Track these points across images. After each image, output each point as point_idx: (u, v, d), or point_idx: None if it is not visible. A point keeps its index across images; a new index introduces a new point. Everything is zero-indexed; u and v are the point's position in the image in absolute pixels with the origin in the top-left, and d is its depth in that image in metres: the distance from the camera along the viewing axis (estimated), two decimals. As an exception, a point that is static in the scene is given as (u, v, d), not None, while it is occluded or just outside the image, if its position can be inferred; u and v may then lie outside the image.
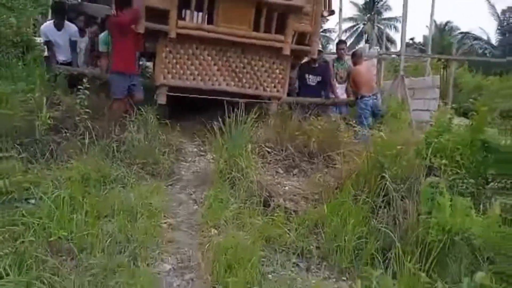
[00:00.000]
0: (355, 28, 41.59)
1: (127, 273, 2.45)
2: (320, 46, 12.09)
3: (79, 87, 4.88)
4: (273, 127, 5.67)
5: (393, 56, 11.76)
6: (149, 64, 9.20)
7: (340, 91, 7.51)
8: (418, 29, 43.24)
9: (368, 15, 41.27)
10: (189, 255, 2.88)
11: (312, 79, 7.30)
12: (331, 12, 7.71)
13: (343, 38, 40.91)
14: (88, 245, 2.65)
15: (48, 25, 6.52)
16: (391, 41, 41.15)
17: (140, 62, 6.81)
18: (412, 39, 35.68)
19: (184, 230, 3.29)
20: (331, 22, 44.96)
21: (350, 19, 42.52)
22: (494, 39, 31.04)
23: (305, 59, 7.38)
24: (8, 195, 3.09)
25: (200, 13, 6.53)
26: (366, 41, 36.89)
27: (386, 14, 42.11)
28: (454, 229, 2.92)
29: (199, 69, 6.05)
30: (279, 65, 6.45)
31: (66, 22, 6.53)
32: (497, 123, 5.73)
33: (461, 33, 32.84)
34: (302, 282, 2.72)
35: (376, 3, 40.63)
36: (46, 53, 6.66)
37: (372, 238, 3.12)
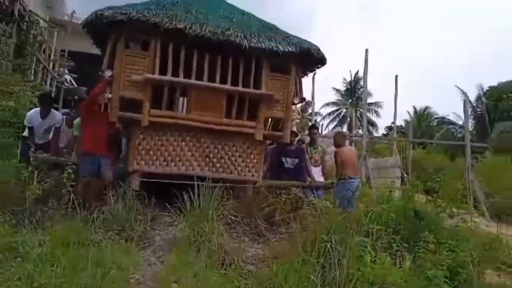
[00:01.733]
0: (337, 112, 43.85)
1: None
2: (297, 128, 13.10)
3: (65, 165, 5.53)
4: (244, 202, 6.19)
5: (356, 137, 12.81)
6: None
7: (316, 174, 7.54)
8: (400, 114, 45.82)
9: (350, 100, 43.60)
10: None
11: (290, 162, 7.25)
12: (302, 99, 8.26)
13: (327, 121, 43.11)
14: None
15: (33, 112, 6.83)
16: (372, 124, 43.33)
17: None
18: (393, 123, 37.74)
19: (148, 284, 3.79)
20: (317, 106, 47.26)
21: (333, 103, 45.05)
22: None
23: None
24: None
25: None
26: (349, 125, 38.66)
27: (368, 100, 44.73)
28: (375, 280, 3.50)
29: (172, 155, 6.20)
30: (253, 150, 6.59)
31: (52, 111, 6.92)
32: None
33: (437, 118, 35.00)
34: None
35: (357, 89, 43.26)
36: (25, 133, 6.97)
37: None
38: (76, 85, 19.44)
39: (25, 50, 13.76)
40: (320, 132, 10.45)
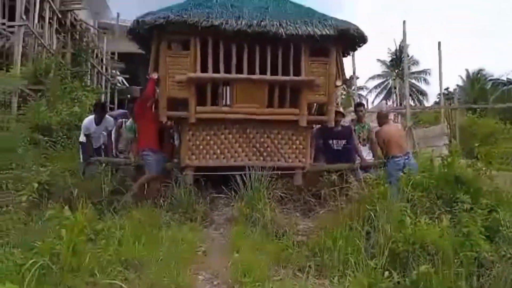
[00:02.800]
0: (384, 84, 42.88)
1: (172, 279, 3.55)
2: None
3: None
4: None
5: (399, 110, 12.79)
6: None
7: (364, 153, 7.45)
8: (453, 78, 43.85)
9: (396, 71, 42.39)
10: (216, 269, 3.97)
11: (337, 144, 7.17)
12: (344, 81, 7.95)
13: (374, 95, 42.27)
14: (145, 263, 3.82)
15: (89, 120, 7.37)
16: (422, 93, 42.02)
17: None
18: (446, 89, 36.42)
19: (214, 255, 4.40)
20: (362, 80, 46.45)
21: (379, 76, 44.07)
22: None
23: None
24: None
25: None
26: (397, 96, 37.69)
27: (413, 68, 43.33)
28: (415, 240, 3.86)
29: (221, 147, 6.45)
30: (298, 136, 6.66)
31: (106, 116, 7.46)
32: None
33: (491, 79, 33.29)
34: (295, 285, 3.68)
35: (403, 58, 41.99)
36: (81, 139, 7.51)
37: (355, 253, 4.07)
38: (127, 85, 20.64)
39: (80, 57, 14.87)
40: (366, 107, 10.30)
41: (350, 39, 6.76)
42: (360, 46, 7.22)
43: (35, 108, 9.26)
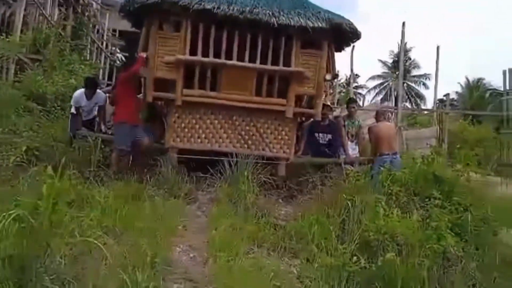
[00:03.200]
0: (383, 85, 43.02)
1: (151, 249, 3.69)
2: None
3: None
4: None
5: (391, 110, 12.95)
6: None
7: (351, 149, 7.57)
8: (452, 85, 44.09)
9: (396, 73, 42.44)
10: (194, 243, 4.11)
11: (322, 137, 7.29)
12: (335, 76, 7.92)
13: (373, 94, 42.40)
14: (126, 231, 3.95)
15: (80, 93, 7.28)
16: (420, 97, 42.22)
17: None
18: (446, 95, 36.64)
19: (193, 230, 4.54)
20: (362, 79, 46.55)
21: (379, 76, 44.20)
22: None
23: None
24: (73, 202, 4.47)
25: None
26: (395, 97, 37.88)
27: (414, 72, 43.50)
28: (387, 230, 4.01)
29: (206, 132, 6.49)
30: (284, 127, 6.68)
31: (97, 91, 7.40)
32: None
33: (489, 89, 33.54)
34: (268, 262, 3.83)
35: (405, 61, 42.06)
36: (72, 110, 7.40)
37: (328, 239, 4.23)
38: (126, 63, 20.63)
39: (81, 31, 14.86)
40: (361, 105, 10.54)
41: (343, 34, 6.75)
42: (353, 42, 7.27)
43: (31, 76, 9.30)
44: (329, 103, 8.19)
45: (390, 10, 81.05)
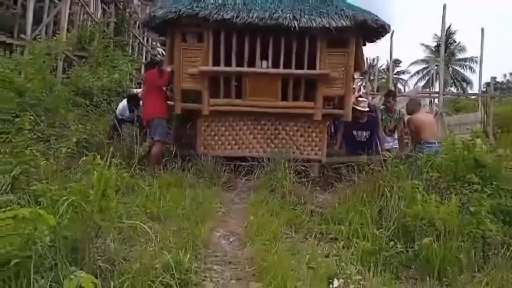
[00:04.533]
0: (427, 69, 41.64)
1: (192, 233, 3.88)
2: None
3: None
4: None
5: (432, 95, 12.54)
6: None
7: (386, 142, 7.35)
8: (500, 68, 41.79)
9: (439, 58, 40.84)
10: (233, 228, 4.28)
11: (361, 135, 7.14)
12: (363, 73, 7.88)
13: (415, 80, 41.09)
14: (169, 216, 4.17)
15: (124, 106, 7.84)
16: (466, 81, 40.52)
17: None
18: (494, 78, 35.10)
19: (232, 216, 4.71)
20: (404, 64, 45.24)
21: (422, 61, 42.80)
22: None
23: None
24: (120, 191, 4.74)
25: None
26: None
27: (460, 55, 41.77)
28: (424, 215, 4.00)
29: (236, 138, 6.60)
30: (314, 129, 6.66)
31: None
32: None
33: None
34: (306, 247, 3.93)
35: (449, 44, 40.45)
36: (117, 112, 7.91)
37: (365, 224, 4.26)
38: (165, 56, 21.12)
39: (123, 28, 15.40)
40: (402, 91, 10.16)
41: (371, 29, 6.56)
42: (382, 36, 7.03)
43: (78, 73, 9.80)
44: (364, 100, 7.53)
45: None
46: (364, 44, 7.25)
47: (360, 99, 7.03)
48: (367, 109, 7.01)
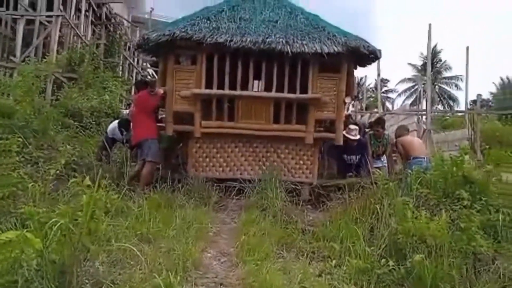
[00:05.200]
0: (414, 88, 42.29)
1: (183, 254, 3.84)
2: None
3: None
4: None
5: (419, 113, 12.73)
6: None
7: (378, 162, 7.38)
8: (485, 85, 42.64)
9: (426, 76, 41.55)
10: (224, 248, 4.23)
11: (351, 159, 7.13)
12: (354, 98, 7.90)
13: (403, 98, 41.65)
14: (159, 238, 4.12)
15: (115, 127, 7.71)
16: (453, 99, 41.19)
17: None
18: (480, 95, 35.73)
19: (224, 236, 4.67)
20: (392, 83, 45.98)
21: (409, 79, 43.49)
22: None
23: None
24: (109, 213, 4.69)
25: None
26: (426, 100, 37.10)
27: (446, 74, 42.56)
28: (415, 232, 4.00)
29: (227, 160, 6.58)
30: (306, 152, 6.68)
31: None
32: None
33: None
34: (298, 266, 3.90)
35: (435, 63, 41.23)
36: (109, 131, 7.85)
37: (357, 242, 4.25)
38: (157, 78, 21.22)
39: (113, 49, 15.49)
40: (390, 109, 10.22)
41: (362, 54, 6.62)
42: (373, 61, 7.14)
43: (68, 94, 9.79)
44: (355, 128, 7.26)
45: (420, 13, 79.81)
46: (355, 68, 7.33)
47: (351, 127, 7.03)
48: (358, 137, 7.05)
